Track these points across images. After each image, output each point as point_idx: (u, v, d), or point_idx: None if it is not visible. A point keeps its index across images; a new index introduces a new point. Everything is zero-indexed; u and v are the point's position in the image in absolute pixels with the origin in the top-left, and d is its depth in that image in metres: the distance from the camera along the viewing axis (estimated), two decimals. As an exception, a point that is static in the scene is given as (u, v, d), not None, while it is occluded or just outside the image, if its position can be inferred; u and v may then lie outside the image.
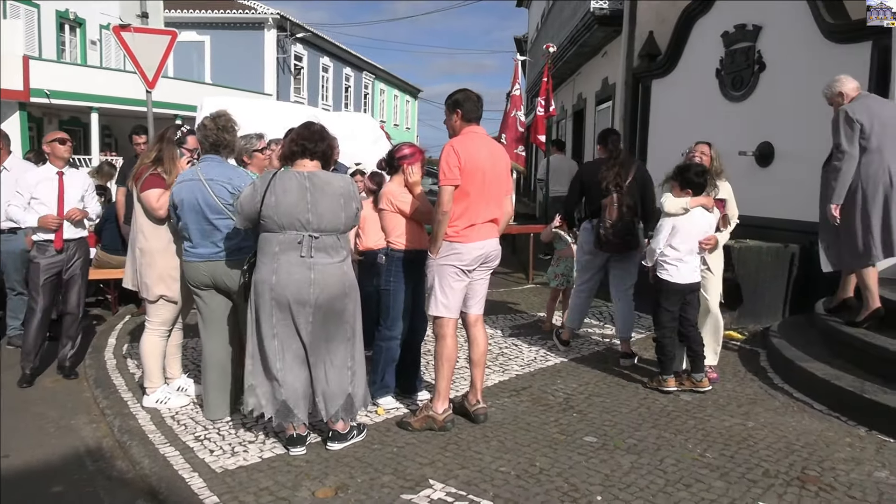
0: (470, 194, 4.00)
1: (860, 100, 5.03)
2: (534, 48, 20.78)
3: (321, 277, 3.63)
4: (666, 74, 9.45)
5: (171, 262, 4.36)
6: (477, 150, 4.06)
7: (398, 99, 41.80)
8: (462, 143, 4.05)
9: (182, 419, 4.25)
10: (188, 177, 4.15)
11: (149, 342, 4.47)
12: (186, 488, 3.36)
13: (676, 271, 4.76)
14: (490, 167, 4.09)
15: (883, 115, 4.90)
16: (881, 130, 4.83)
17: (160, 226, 4.36)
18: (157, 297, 4.39)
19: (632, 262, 5.59)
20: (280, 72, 26.33)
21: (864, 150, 4.87)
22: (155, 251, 4.36)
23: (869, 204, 4.87)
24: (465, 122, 4.15)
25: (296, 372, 3.71)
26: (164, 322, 4.47)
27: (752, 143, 7.53)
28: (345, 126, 8.91)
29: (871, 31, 6.21)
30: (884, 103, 5.05)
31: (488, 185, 4.08)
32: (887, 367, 4.53)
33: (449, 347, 4.13)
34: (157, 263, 4.35)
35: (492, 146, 4.27)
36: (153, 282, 4.36)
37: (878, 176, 4.84)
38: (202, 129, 4.23)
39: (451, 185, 3.97)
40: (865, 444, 3.97)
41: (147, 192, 4.29)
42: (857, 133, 4.85)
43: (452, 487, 3.38)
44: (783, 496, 3.32)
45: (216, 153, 4.22)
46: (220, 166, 4.19)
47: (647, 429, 4.17)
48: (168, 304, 4.43)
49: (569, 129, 17.58)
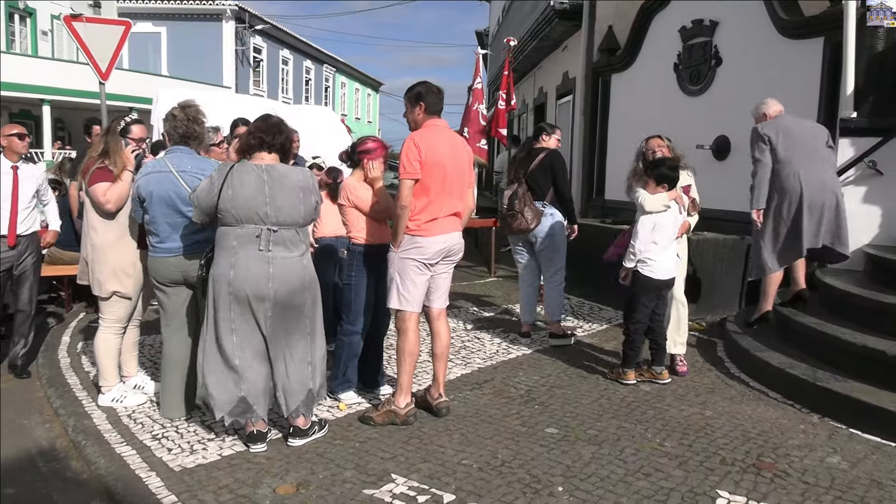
0: (431, 188, 3.98)
1: (775, 120, 5.43)
2: (495, 42, 20.80)
3: (280, 271, 3.59)
4: (625, 69, 9.55)
5: (124, 257, 4.26)
6: (439, 143, 4.04)
7: (359, 92, 41.58)
8: (423, 137, 4.02)
9: (139, 418, 4.17)
10: (156, 168, 4.05)
11: (103, 340, 4.37)
12: (144, 488, 3.30)
13: (658, 266, 4.76)
14: (452, 161, 4.07)
15: (792, 130, 5.31)
16: (789, 142, 5.25)
17: (110, 220, 4.25)
18: (109, 293, 4.29)
19: (551, 247, 5.95)
20: (239, 64, 26.00)
21: (776, 161, 5.26)
22: (106, 246, 4.25)
23: (783, 211, 5.26)
24: (428, 115, 4.12)
25: (255, 368, 3.67)
26: (119, 319, 4.37)
27: (709, 137, 7.65)
28: (305, 119, 8.82)
29: (823, 27, 6.36)
30: (798, 123, 5.44)
31: (450, 179, 4.06)
32: (839, 356, 4.64)
33: (411, 342, 4.12)
34: (108, 259, 4.25)
35: (454, 140, 4.25)
36: (105, 278, 4.26)
37: (789, 184, 5.21)
38: (171, 120, 4.14)
39: (411, 178, 3.94)
40: (818, 430, 4.07)
41: (94, 186, 4.18)
42: (766, 145, 5.28)
43: (415, 481, 3.37)
44: (740, 483, 3.39)
45: (185, 144, 4.15)
46: (191, 157, 4.11)
47: (608, 419, 4.22)
48: (122, 301, 4.33)
49: (530, 123, 17.66)
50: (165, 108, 8.83)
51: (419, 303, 4.14)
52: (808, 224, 5.19)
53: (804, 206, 5.17)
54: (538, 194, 5.88)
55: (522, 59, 15.08)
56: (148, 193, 3.99)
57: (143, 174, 4.05)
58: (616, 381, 4.88)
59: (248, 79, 26.84)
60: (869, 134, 5.82)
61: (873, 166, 5.82)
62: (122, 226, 4.27)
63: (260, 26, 26.98)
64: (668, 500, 3.22)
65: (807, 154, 5.24)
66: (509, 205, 5.86)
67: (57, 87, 16.81)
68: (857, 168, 5.90)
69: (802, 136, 5.28)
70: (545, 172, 5.90)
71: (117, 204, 4.20)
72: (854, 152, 5.89)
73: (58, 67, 17.60)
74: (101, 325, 4.38)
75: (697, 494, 3.27)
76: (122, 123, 4.40)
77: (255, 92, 26.78)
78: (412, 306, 4.11)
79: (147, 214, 4.04)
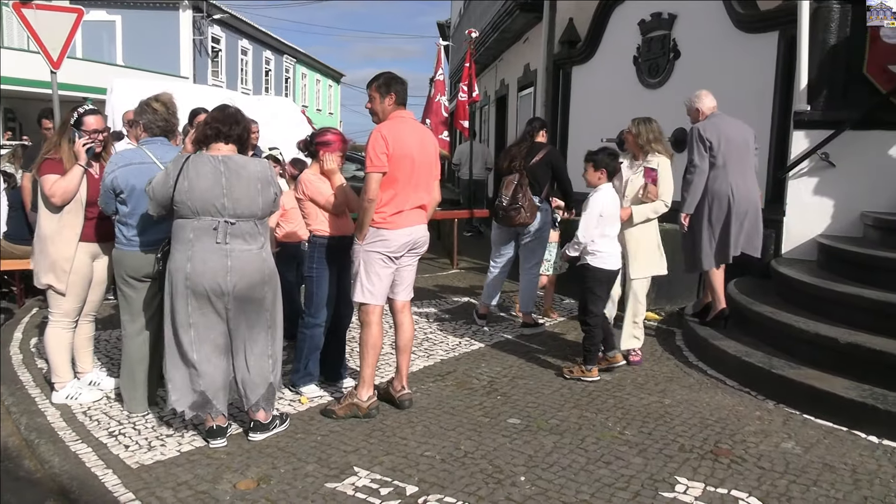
0: (398, 181, 3.95)
1: (711, 119, 5.47)
2: (457, 33, 20.77)
3: (238, 265, 3.54)
4: (586, 61, 9.60)
5: (62, 252, 4.11)
6: (406, 136, 4.00)
7: (320, 83, 41.16)
8: (390, 129, 3.97)
9: (95, 415, 4.08)
10: (136, 160, 3.95)
11: (52, 335, 4.25)
12: (100, 486, 3.23)
13: (608, 257, 4.77)
14: (419, 153, 4.04)
15: (729, 135, 5.34)
16: (727, 148, 5.31)
17: (55, 212, 4.10)
18: (44, 286, 4.16)
19: (537, 241, 6.04)
20: (197, 54, 25.50)
21: (712, 167, 5.33)
22: (47, 237, 4.11)
23: (713, 216, 5.34)
24: (397, 106, 4.08)
25: (214, 362, 3.61)
26: (66, 314, 4.24)
27: (668, 129, 7.65)
28: (264, 110, 8.72)
29: (778, 21, 6.47)
30: (730, 123, 5.45)
31: (417, 172, 4.03)
32: (793, 343, 4.75)
33: (374, 335, 4.10)
34: (48, 251, 4.11)
35: (422, 132, 4.23)
36: (43, 270, 4.13)
37: (722, 190, 5.31)
38: (151, 113, 4.05)
39: (378, 172, 3.91)
40: (773, 416, 4.16)
41: (42, 178, 4.07)
42: (706, 151, 5.31)
43: (377, 474, 3.36)
44: (698, 469, 3.45)
45: (164, 136, 4.08)
46: (170, 149, 4.04)
47: (569, 409, 4.26)
48: (58, 296, 4.20)
49: (492, 115, 17.69)
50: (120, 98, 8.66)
51: (383, 296, 4.12)
52: (734, 232, 5.34)
53: (732, 216, 5.31)
54: (536, 189, 5.89)
55: (484, 51, 15.09)
56: (130, 187, 3.88)
57: (119, 166, 3.92)
58: (579, 380, 4.74)
59: (206, 69, 26.34)
60: (822, 126, 5.96)
61: (826, 158, 5.95)
62: (65, 220, 4.12)
63: (218, 15, 26.48)
64: (628, 487, 3.26)
65: (739, 163, 5.37)
66: (512, 198, 5.77)
67: (6, 77, 16.31)
68: (810, 160, 6.03)
69: (738, 144, 5.36)
70: (546, 169, 5.95)
71: (62, 198, 4.05)
72: (808, 144, 6.02)
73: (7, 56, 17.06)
74: (50, 320, 4.26)
75: (657, 481, 3.32)
76: (74, 115, 4.27)
77: (214, 82, 26.31)
78: (376, 299, 4.08)
79: (125, 207, 3.94)
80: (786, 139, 6.29)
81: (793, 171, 6.11)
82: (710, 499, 3.16)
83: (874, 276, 4.98)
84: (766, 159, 6.62)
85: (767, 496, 3.19)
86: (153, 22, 24.47)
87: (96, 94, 15.80)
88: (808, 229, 6.11)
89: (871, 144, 5.84)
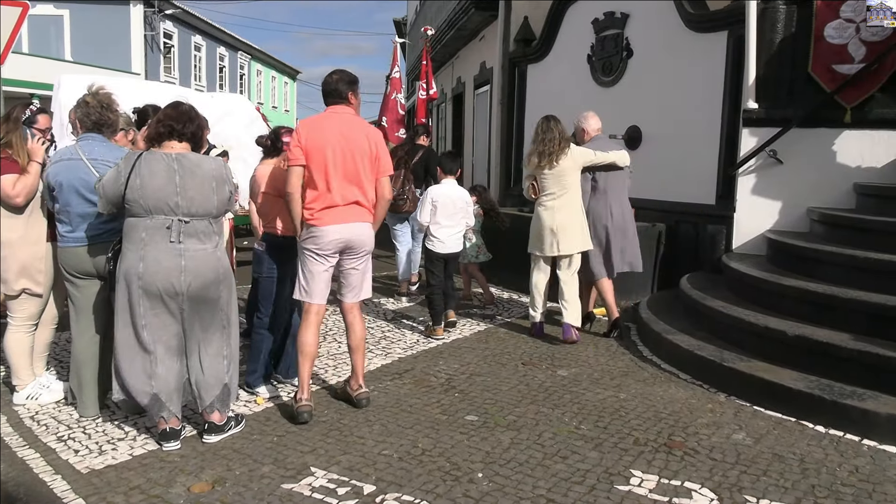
0: (318, 174, 3.91)
1: (595, 141, 5.81)
2: (413, 31, 20.75)
3: (193, 264, 3.48)
4: (541, 59, 9.67)
5: (34, 251, 4.03)
6: (325, 128, 3.95)
7: (276, 80, 40.67)
8: (308, 122, 4.03)
9: (43, 419, 3.98)
10: (66, 156, 3.87)
11: (14, 340, 4.14)
12: (49, 492, 3.15)
13: (438, 242, 5.80)
14: (343, 146, 3.93)
15: None
16: (607, 173, 5.71)
17: (18, 214, 4.01)
18: (17, 292, 4.06)
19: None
20: (148, 50, 24.97)
21: (595, 190, 5.72)
22: (14, 242, 4.01)
23: (596, 233, 5.73)
24: (331, 102, 4.08)
25: (168, 364, 3.55)
26: (31, 317, 4.14)
27: (621, 127, 7.83)
28: (218, 107, 8.57)
29: (727, 21, 6.61)
30: (610, 145, 5.86)
31: (342, 166, 3.93)
32: (744, 336, 4.86)
33: (304, 341, 4.03)
34: (17, 255, 4.01)
35: (350, 125, 4.02)
36: (14, 276, 4.02)
37: (603, 212, 5.75)
38: (83, 107, 3.96)
39: (294, 165, 3.90)
40: (725, 408, 4.25)
41: (2, 178, 3.96)
42: (590, 174, 5.70)
43: (334, 474, 3.35)
44: (652, 462, 3.51)
45: (98, 132, 3.98)
46: (103, 146, 3.96)
47: (526, 405, 4.29)
48: (32, 299, 4.11)
49: (449, 113, 17.71)
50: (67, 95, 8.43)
51: (320, 294, 4.06)
52: (615, 251, 5.75)
53: (611, 237, 5.72)
54: (418, 184, 7.25)
55: (441, 49, 15.09)
56: (58, 183, 3.81)
57: (53, 162, 3.87)
58: (429, 338, 5.73)
59: (158, 65, 25.80)
60: (769, 124, 6.10)
61: (774, 155, 6.10)
62: (30, 220, 4.04)
63: (170, 10, 25.96)
64: (584, 481, 3.30)
65: (618, 187, 5.80)
66: (400, 191, 6.96)
67: (-52, 72, 15.85)
68: (758, 157, 6.17)
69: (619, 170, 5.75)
70: (423, 166, 7.37)
71: (27, 197, 3.98)
72: (756, 142, 6.16)
73: (-52, 51, 16.58)
74: (11, 325, 4.14)
75: (612, 475, 3.37)
76: (27, 113, 4.18)
77: (167, 79, 25.79)
78: (311, 297, 4.03)
79: (57, 203, 3.86)
80: (735, 136, 6.43)
81: (742, 167, 6.25)
82: (664, 491, 3.22)
83: (819, 269, 5.12)
84: (716, 156, 6.77)
85: (719, 487, 3.26)
86: (103, 17, 23.85)
87: (44, 90, 15.38)
88: (757, 225, 6.25)
89: (816, 142, 6.00)
